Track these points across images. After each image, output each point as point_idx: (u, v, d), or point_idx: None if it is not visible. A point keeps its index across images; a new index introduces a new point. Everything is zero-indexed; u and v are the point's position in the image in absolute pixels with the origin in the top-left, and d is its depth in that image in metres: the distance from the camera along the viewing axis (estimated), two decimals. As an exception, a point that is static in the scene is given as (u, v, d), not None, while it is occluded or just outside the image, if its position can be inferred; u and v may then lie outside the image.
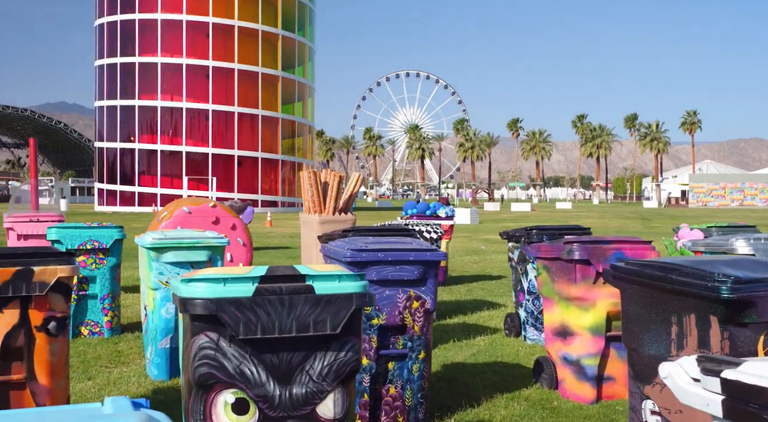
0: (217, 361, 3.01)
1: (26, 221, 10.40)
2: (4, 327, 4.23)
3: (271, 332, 3.03)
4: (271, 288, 3.07)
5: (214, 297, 2.98)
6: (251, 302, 3.02)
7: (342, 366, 3.17)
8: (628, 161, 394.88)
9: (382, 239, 5.23)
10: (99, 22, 60.62)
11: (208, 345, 3.01)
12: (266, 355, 3.06)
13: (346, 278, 3.21)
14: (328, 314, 3.11)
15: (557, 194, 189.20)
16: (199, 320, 3.00)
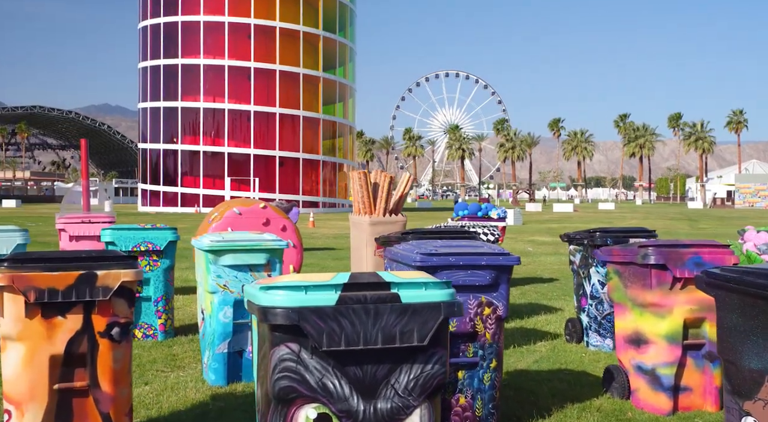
0: (298, 374, 2.83)
1: (78, 223, 10.38)
2: (67, 332, 4.11)
3: (356, 343, 2.84)
4: (355, 297, 2.88)
5: (295, 306, 2.80)
6: (335, 311, 2.83)
7: (429, 379, 2.97)
8: (670, 161, 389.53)
9: (451, 242, 5.02)
10: (142, 24, 61.28)
11: (288, 356, 2.83)
12: (350, 368, 2.88)
13: (432, 286, 3.01)
14: (415, 325, 2.92)
15: (598, 195, 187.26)
16: (280, 330, 2.82)
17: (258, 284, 3.02)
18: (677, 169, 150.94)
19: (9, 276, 3.97)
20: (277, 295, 2.85)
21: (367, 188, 11.81)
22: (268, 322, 2.80)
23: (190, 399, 5.71)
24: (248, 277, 6.10)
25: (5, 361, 4.09)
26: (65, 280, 4.07)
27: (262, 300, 2.85)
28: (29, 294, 3.99)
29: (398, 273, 3.05)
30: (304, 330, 2.79)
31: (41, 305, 4.04)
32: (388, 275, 3.01)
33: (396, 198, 12.06)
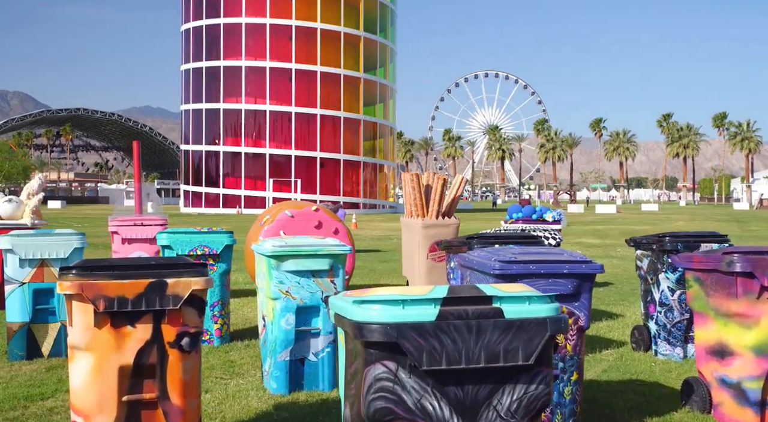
0: (395, 394, 2.63)
1: (131, 225, 10.32)
2: (137, 342, 3.97)
3: (457, 362, 2.63)
4: (456, 312, 2.67)
5: (393, 322, 2.60)
6: (435, 327, 2.63)
7: (533, 400, 2.76)
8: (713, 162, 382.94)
9: (529, 248, 4.79)
10: (185, 27, 61.77)
11: (385, 375, 2.63)
12: (450, 388, 2.67)
13: (536, 300, 2.79)
14: (519, 342, 2.70)
15: (640, 196, 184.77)
16: (376, 347, 2.62)
17: (348, 296, 2.83)
18: (722, 169, 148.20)
19: (78, 284, 3.84)
20: (373, 310, 2.65)
21: (420, 190, 11.61)
22: (363, 339, 2.60)
23: (253, 408, 5.55)
24: (311, 283, 5.93)
25: (74, 371, 3.96)
26: (135, 288, 3.92)
27: (356, 315, 2.66)
28: (98, 303, 3.86)
29: (498, 286, 2.84)
30: (402, 348, 2.59)
31: (110, 314, 3.90)
32: (489, 289, 2.80)
33: (449, 200, 11.84)
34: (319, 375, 6.07)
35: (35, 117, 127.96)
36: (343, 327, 2.80)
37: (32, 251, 7.09)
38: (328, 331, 6.05)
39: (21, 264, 7.10)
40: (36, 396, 5.82)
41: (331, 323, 6.04)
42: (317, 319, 6.04)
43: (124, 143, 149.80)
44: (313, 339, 6.06)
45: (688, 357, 7.36)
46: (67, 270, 3.93)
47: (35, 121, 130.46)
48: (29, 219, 10.08)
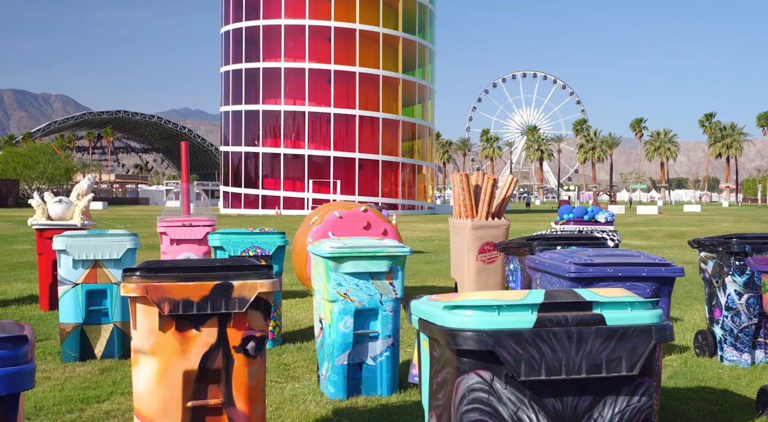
0: (490, 406, 2.46)
1: (179, 226, 10.27)
2: (202, 346, 3.85)
3: (557, 372, 2.46)
4: (555, 318, 2.50)
5: (489, 329, 2.44)
6: (533, 335, 2.45)
7: (635, 413, 2.57)
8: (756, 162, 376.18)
9: (604, 251, 4.59)
10: (225, 29, 62.18)
11: (480, 386, 2.46)
12: (548, 400, 2.50)
13: (638, 306, 2.61)
14: (623, 351, 2.52)
15: (680, 197, 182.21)
16: (469, 356, 2.46)
17: (434, 301, 2.66)
18: (767, 170, 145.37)
19: (142, 287, 3.73)
20: (465, 316, 2.48)
21: (469, 191, 11.41)
22: (456, 347, 2.43)
23: (312, 413, 5.41)
24: (370, 285, 5.78)
25: (137, 376, 3.85)
26: (200, 291, 3.81)
27: (448, 321, 2.49)
28: (163, 306, 3.75)
29: (597, 291, 2.65)
30: (499, 357, 2.42)
31: (175, 317, 3.79)
32: (588, 294, 2.62)
33: (498, 201, 11.62)
34: (377, 380, 5.92)
35: (77, 120, 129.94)
36: (429, 334, 2.64)
37: (85, 251, 7.05)
38: (387, 334, 5.90)
39: (74, 265, 7.06)
40: (92, 399, 5.75)
41: (390, 326, 5.90)
42: (375, 322, 5.89)
43: (163, 145, 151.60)
44: (371, 342, 5.92)
45: (757, 364, 7.08)
46: (131, 272, 3.82)
47: (77, 123, 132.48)
48: (79, 220, 10.08)
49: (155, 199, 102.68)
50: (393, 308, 5.90)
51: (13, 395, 2.09)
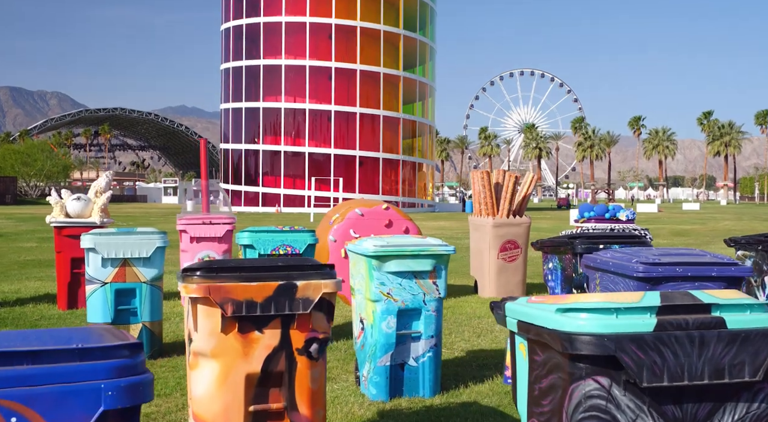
0: (608, 414, 2.34)
1: (199, 224, 10.12)
2: (264, 349, 3.72)
3: (679, 378, 2.34)
4: (675, 321, 2.38)
5: (609, 333, 2.31)
6: (655, 339, 2.33)
7: (755, 420, 2.45)
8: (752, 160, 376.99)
9: (668, 250, 4.47)
10: (225, 26, 62.01)
11: (597, 393, 2.34)
12: (668, 407, 2.38)
13: (757, 309, 2.49)
14: (746, 356, 2.40)
15: (677, 195, 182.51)
16: (587, 361, 2.33)
17: (540, 303, 2.54)
18: (765, 168, 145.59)
19: (205, 287, 3.61)
20: (581, 319, 2.36)
21: (490, 188, 11.31)
22: (574, 351, 2.31)
23: (357, 416, 5.29)
24: (413, 285, 5.66)
25: (197, 379, 3.73)
26: (263, 291, 3.68)
27: (563, 325, 2.37)
28: (226, 307, 3.62)
29: (713, 293, 2.54)
30: (621, 362, 2.30)
31: (238, 319, 3.66)
32: (705, 296, 2.50)
33: (520, 199, 11.52)
34: (420, 381, 5.80)
35: (74, 117, 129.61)
36: (534, 337, 2.51)
37: (114, 250, 6.92)
38: (430, 335, 5.78)
39: (103, 264, 6.92)
40: (129, 401, 5.61)
41: (434, 326, 5.78)
42: (418, 322, 5.77)
43: (160, 142, 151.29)
44: (413, 343, 5.80)
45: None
46: (191, 272, 3.70)
47: (74, 120, 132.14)
48: (98, 217, 9.94)
49: (153, 196, 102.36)
50: (436, 308, 5.78)
51: (134, 407, 1.95)
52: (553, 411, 2.47)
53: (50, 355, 1.81)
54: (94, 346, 1.86)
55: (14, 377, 1.73)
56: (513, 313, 2.70)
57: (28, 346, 1.80)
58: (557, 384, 2.44)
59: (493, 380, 6.26)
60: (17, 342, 1.84)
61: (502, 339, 8.04)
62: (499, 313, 2.85)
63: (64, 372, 1.80)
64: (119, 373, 1.90)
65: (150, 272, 7.06)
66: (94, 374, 1.84)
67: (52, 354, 1.81)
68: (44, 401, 1.76)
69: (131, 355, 1.97)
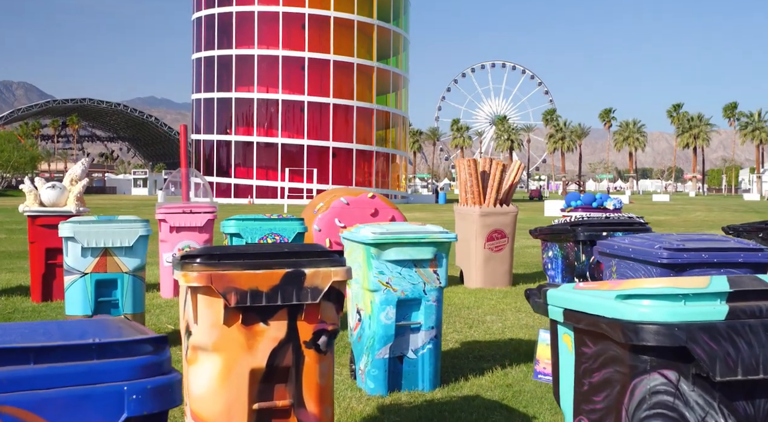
0: (676, 411, 2.12)
1: (179, 213, 9.81)
2: (270, 342, 3.46)
3: (754, 371, 2.12)
4: (748, 309, 2.16)
5: (677, 322, 2.08)
6: (728, 328, 2.10)
7: (831, 418, 2.23)
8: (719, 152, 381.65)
9: (690, 236, 4.28)
10: (196, 15, 61.20)
11: (664, 388, 2.11)
12: (739, 403, 2.16)
13: (829, 295, 2.26)
14: (823, 347, 2.17)
15: (646, 187, 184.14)
16: (651, 353, 2.10)
17: (592, 289, 2.31)
18: (733, 160, 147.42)
19: (207, 275, 3.33)
20: (644, 306, 2.13)
21: (477, 177, 11.10)
22: (640, 342, 2.08)
23: (357, 411, 5.05)
24: (413, 273, 5.42)
25: (196, 375, 3.45)
26: (269, 279, 3.41)
27: (624, 313, 2.13)
28: (230, 296, 3.35)
29: (782, 277, 2.31)
30: (693, 354, 2.07)
31: (242, 309, 3.39)
32: (774, 280, 2.27)
33: (506, 187, 11.32)
34: (419, 374, 5.57)
35: (41, 107, 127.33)
36: (586, 327, 2.28)
37: (95, 239, 6.59)
38: (430, 326, 5.55)
39: (83, 253, 6.60)
40: (114, 397, 5.31)
41: (434, 317, 5.55)
42: (417, 313, 5.54)
43: (129, 134, 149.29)
44: (412, 334, 5.56)
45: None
46: (191, 259, 3.41)
47: (41, 111, 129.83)
48: (74, 206, 9.57)
49: (122, 188, 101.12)
50: (437, 298, 5.55)
51: (161, 413, 1.65)
52: (608, 408, 2.24)
53: (61, 352, 1.50)
54: (113, 341, 1.56)
55: (18, 379, 1.42)
56: (558, 301, 2.46)
57: (33, 341, 1.50)
58: (614, 379, 2.21)
59: (493, 372, 6.04)
60: (19, 337, 1.54)
61: (495, 330, 7.84)
62: (538, 301, 2.61)
63: (79, 373, 1.48)
64: (144, 373, 1.59)
65: (132, 261, 6.75)
66: (115, 374, 1.53)
67: (63, 350, 1.50)
68: (55, 407, 1.45)
69: (156, 351, 1.68)
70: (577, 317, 2.34)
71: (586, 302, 2.29)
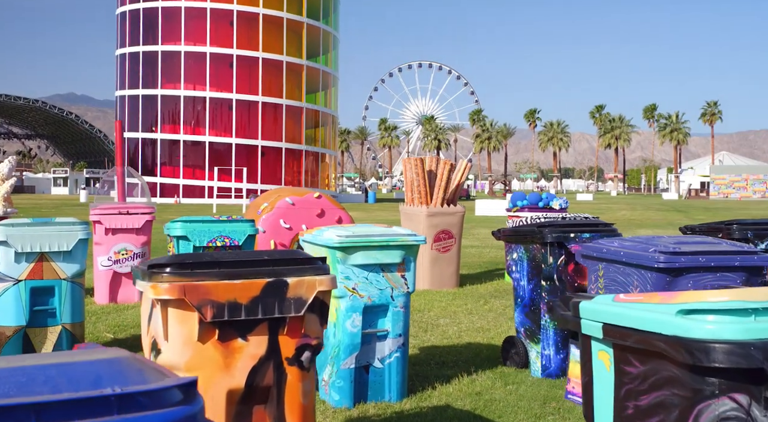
0: (747, 440, 1.89)
1: (115, 214, 9.31)
2: (249, 359, 3.14)
3: (831, 393, 1.90)
4: (822, 324, 1.94)
5: (752, 340, 1.85)
6: (803, 346, 1.88)
7: None
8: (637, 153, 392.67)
9: (683, 238, 4.11)
10: (121, 10, 59.55)
11: (735, 414, 1.89)
12: (814, 430, 1.93)
13: None
14: None
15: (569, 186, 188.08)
16: (721, 375, 1.87)
17: (640, 302, 2.07)
18: (651, 160, 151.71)
19: (179, 287, 2.98)
20: (710, 322, 1.90)
21: (424, 176, 10.89)
22: (710, 363, 1.84)
23: (322, 426, 4.74)
24: (380, 278, 5.14)
25: (166, 397, 3.10)
26: (249, 290, 3.09)
27: (689, 330, 1.89)
28: (205, 310, 3.01)
29: None
30: (767, 376, 1.84)
31: (218, 324, 3.06)
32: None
33: (453, 187, 11.14)
34: (386, 384, 5.29)
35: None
36: (640, 346, 2.04)
37: (30, 243, 6.09)
38: (398, 333, 5.27)
39: (17, 258, 6.09)
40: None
41: (401, 324, 5.28)
42: (384, 319, 5.26)
43: (48, 131, 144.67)
44: (379, 342, 5.28)
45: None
46: (159, 268, 3.06)
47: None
48: (1, 207, 8.97)
49: (41, 187, 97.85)
50: (404, 304, 5.28)
51: None
52: (663, 436, 2.00)
53: (73, 407, 1.14)
54: (138, 390, 1.20)
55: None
56: (594, 314, 2.22)
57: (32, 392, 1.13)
58: (670, 403, 1.97)
59: (459, 380, 5.81)
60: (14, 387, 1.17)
61: (452, 334, 7.63)
62: (565, 314, 2.36)
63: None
64: (177, 431, 1.24)
65: (71, 267, 6.27)
66: (143, 436, 1.17)
67: (75, 405, 1.14)
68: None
69: (188, 400, 1.32)
70: (623, 333, 2.10)
71: (635, 317, 2.05)
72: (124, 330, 7.79)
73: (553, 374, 5.91)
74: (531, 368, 6.04)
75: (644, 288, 3.78)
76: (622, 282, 3.98)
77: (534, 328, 6.01)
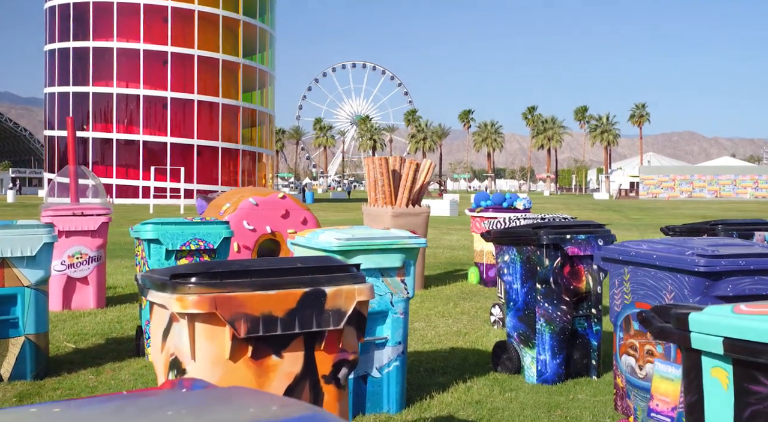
0: None
1: (69, 215, 8.82)
2: (284, 378, 2.84)
3: None
4: None
5: None
6: None
7: None
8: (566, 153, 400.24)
9: (717, 240, 3.96)
10: (50, 4, 57.65)
11: None
12: None
13: None
14: None
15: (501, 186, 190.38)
16: None
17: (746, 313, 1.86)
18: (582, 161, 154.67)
19: (209, 299, 2.67)
20: None
21: (389, 176, 10.65)
22: None
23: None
24: (380, 284, 4.88)
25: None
26: (285, 302, 2.79)
27: None
28: (239, 325, 2.71)
29: None
30: None
31: (252, 340, 2.76)
32: None
33: (417, 187, 10.94)
34: (384, 395, 5.03)
35: None
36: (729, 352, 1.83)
37: (-10, 248, 5.64)
38: (397, 341, 5.02)
39: (-25, 265, 5.64)
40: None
41: (401, 331, 5.04)
42: (383, 327, 5.00)
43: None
44: (377, 351, 5.02)
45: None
46: (184, 278, 2.74)
47: None
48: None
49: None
50: (404, 310, 5.04)
51: None
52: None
53: None
54: None
55: None
56: (711, 328, 2.01)
57: None
58: None
59: (455, 388, 5.59)
60: None
61: (432, 339, 7.41)
62: (665, 327, 2.15)
63: None
64: None
65: (35, 273, 5.83)
66: None
67: None
68: None
69: None
70: (753, 349, 1.89)
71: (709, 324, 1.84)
72: (85, 338, 7.35)
73: (549, 379, 5.73)
74: (525, 373, 5.86)
75: (680, 293, 3.62)
76: (652, 286, 3.81)
77: (528, 332, 5.83)
